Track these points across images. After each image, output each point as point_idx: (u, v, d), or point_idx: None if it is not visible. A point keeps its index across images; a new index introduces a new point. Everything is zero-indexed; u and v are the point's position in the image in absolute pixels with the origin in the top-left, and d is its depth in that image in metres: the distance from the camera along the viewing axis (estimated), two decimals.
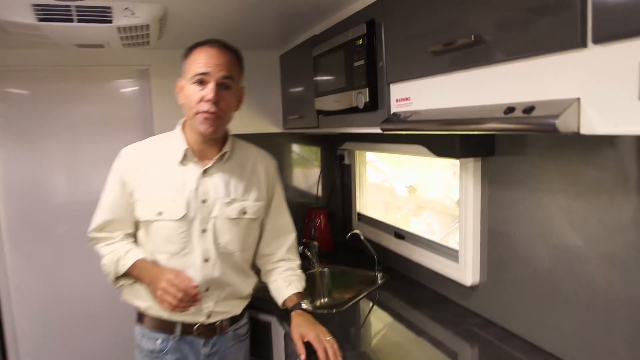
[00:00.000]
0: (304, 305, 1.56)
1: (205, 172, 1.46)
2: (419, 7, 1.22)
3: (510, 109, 0.92)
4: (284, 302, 1.59)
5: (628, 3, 0.70)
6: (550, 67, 0.85)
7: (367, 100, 1.48)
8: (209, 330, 1.53)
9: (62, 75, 2.40)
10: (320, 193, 2.81)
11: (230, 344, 1.59)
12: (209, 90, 1.35)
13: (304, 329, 1.44)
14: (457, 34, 1.05)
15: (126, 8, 1.51)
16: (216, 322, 1.53)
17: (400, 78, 1.35)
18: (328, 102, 1.78)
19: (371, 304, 1.85)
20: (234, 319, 1.58)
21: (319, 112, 1.92)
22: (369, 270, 2.11)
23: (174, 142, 1.48)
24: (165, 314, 1.48)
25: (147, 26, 1.66)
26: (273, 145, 2.62)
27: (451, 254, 1.72)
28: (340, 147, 2.56)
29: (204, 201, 1.45)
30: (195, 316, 1.49)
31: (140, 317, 1.55)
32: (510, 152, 1.43)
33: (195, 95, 1.37)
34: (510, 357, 1.34)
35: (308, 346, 1.41)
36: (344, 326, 1.66)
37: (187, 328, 1.51)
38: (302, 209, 2.67)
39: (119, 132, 2.48)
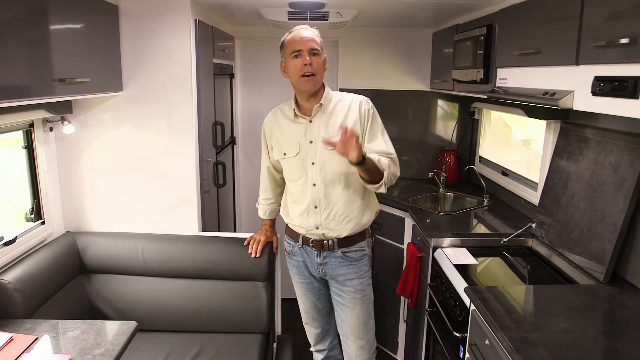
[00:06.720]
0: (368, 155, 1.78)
1: (310, 121, 1.92)
2: (512, 27, 2.02)
3: (545, 93, 1.71)
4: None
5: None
6: (564, 72, 1.63)
7: (482, 77, 2.29)
8: (320, 245, 1.97)
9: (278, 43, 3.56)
10: (454, 139, 3.61)
11: (338, 262, 1.98)
12: (304, 57, 1.83)
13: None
14: (527, 46, 1.83)
15: (337, 12, 2.50)
16: (324, 239, 1.96)
17: (502, 65, 2.14)
18: (460, 74, 2.60)
19: (476, 220, 2.71)
20: (342, 242, 1.96)
21: (454, 80, 2.74)
22: (479, 196, 2.94)
23: (288, 106, 1.98)
24: (295, 228, 2.03)
25: (347, 21, 2.65)
26: (423, 100, 3.51)
27: (533, 186, 2.49)
28: (471, 105, 3.34)
29: (311, 142, 1.91)
30: (308, 229, 1.97)
31: (286, 227, 2.12)
32: (576, 118, 2.13)
33: (297, 65, 1.84)
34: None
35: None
36: (457, 222, 2.58)
37: (305, 239, 2.01)
38: (436, 150, 3.56)
39: None
